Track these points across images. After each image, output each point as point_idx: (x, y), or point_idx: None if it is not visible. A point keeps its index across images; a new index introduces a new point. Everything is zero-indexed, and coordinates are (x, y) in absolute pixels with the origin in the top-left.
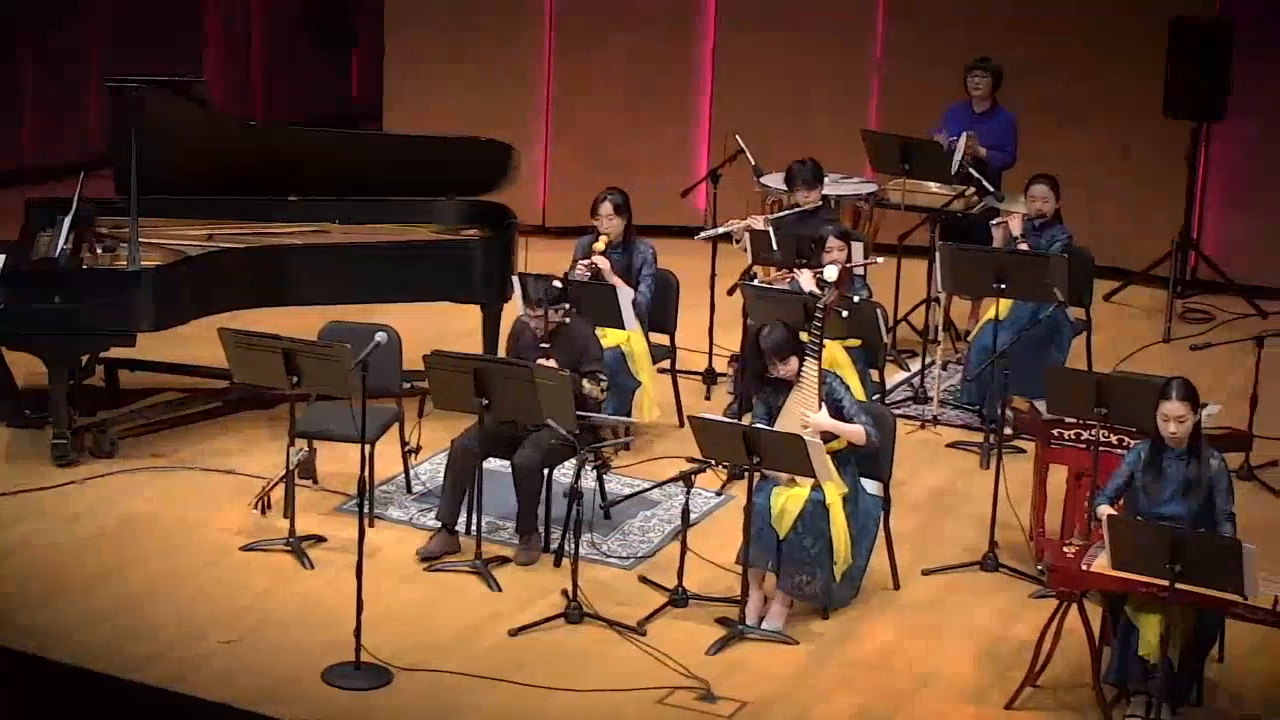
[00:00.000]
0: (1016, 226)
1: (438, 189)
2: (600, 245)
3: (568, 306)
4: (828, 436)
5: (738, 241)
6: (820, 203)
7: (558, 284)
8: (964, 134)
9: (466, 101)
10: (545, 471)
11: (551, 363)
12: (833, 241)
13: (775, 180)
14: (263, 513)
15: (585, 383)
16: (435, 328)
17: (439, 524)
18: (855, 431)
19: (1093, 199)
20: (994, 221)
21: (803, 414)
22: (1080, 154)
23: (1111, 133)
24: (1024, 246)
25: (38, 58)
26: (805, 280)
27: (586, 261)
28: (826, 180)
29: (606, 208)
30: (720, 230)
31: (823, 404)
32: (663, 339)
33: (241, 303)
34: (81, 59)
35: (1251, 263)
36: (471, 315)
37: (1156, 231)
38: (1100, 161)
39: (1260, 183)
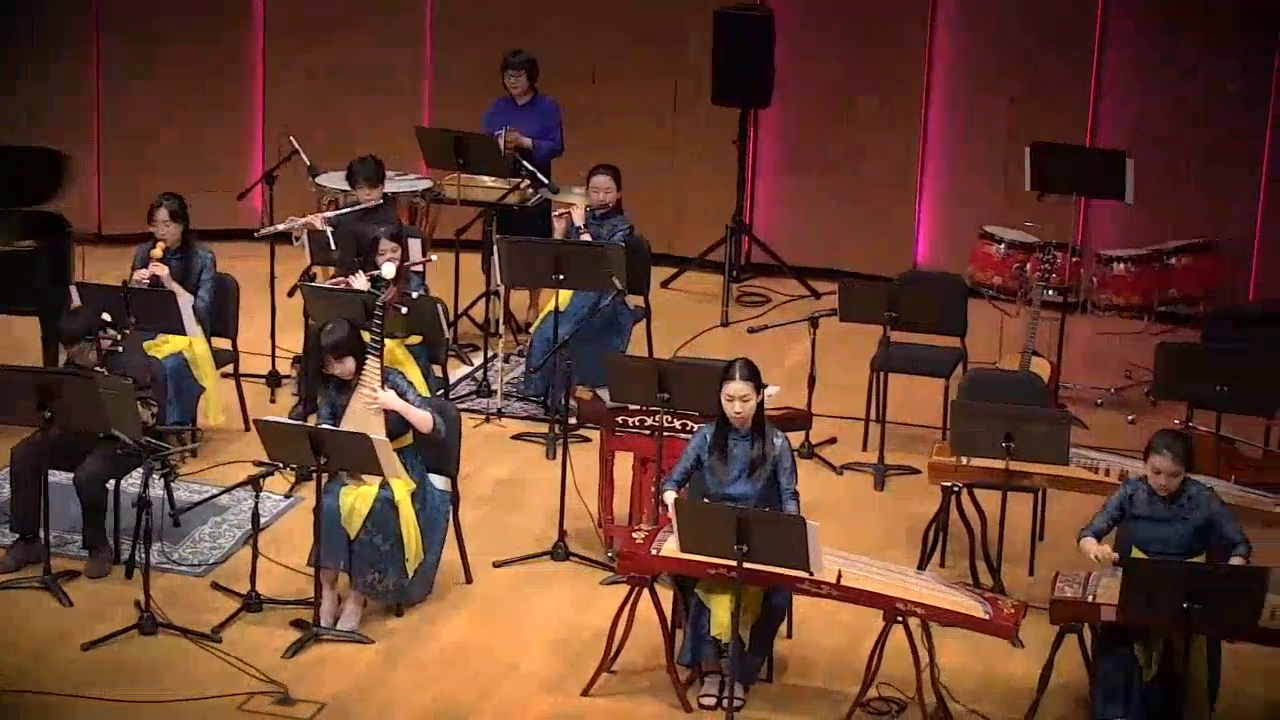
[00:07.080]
0: (579, 217)
1: None
2: (158, 252)
3: (116, 335)
4: (394, 432)
5: (297, 239)
6: (381, 200)
7: (105, 316)
8: (504, 129)
9: (13, 109)
10: (111, 485)
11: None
12: (385, 244)
13: (330, 179)
14: None
15: (139, 406)
16: None
17: (15, 536)
18: (422, 417)
19: (646, 186)
20: (556, 214)
21: (370, 392)
22: (633, 142)
23: (662, 121)
24: (587, 237)
25: None
26: (359, 284)
27: (144, 272)
28: None
29: (162, 214)
30: (280, 228)
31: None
32: (225, 343)
33: None
34: None
35: (802, 245)
36: (29, 327)
37: (710, 217)
38: (653, 149)
39: (805, 166)
